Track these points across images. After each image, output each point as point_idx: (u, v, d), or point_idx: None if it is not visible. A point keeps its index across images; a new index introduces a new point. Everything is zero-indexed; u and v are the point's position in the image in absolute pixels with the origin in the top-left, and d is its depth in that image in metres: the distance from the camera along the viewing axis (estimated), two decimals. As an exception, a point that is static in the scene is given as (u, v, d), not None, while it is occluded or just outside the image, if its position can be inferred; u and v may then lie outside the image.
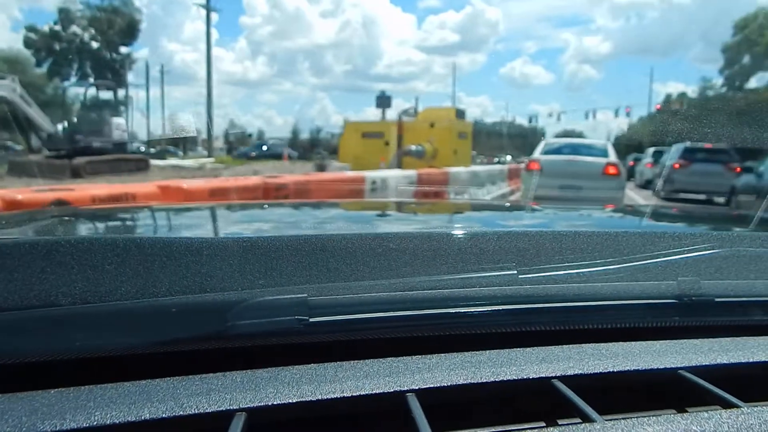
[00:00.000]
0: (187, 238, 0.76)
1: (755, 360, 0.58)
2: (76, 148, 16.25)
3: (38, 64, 39.14)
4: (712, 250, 0.75)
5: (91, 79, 37.09)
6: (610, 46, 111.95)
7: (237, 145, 39.03)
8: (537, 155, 10.13)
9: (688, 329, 0.65)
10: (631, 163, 21.42)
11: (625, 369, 0.55)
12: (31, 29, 40.51)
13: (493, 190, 14.22)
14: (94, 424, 0.43)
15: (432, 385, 0.50)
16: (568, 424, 0.46)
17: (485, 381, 0.52)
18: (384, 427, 0.50)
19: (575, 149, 10.13)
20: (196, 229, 1.09)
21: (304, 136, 51.99)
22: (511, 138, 55.46)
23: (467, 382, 0.51)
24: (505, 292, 0.65)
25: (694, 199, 13.51)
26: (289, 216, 1.24)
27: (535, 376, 0.53)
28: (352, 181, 8.06)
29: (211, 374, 0.51)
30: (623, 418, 0.45)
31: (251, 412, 0.46)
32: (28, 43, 39.17)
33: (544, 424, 0.51)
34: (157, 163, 20.29)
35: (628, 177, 14.55)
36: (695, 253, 0.74)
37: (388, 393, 0.49)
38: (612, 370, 0.54)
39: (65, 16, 39.63)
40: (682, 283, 0.68)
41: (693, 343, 0.61)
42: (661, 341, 0.61)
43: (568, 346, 0.59)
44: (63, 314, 0.55)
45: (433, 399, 0.50)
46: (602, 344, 0.60)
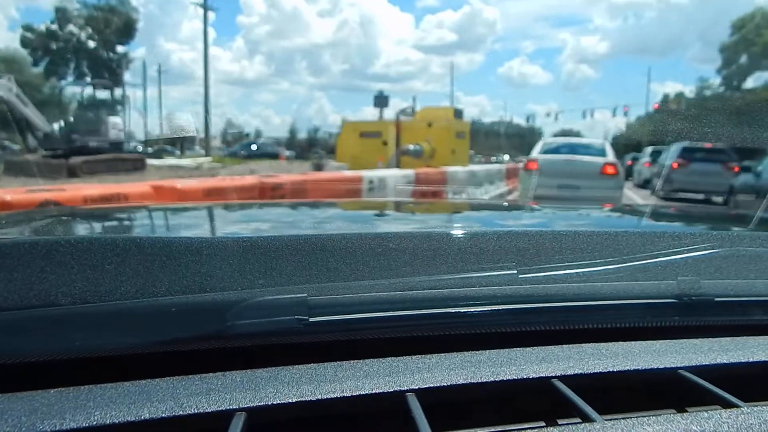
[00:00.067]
0: (186, 237, 0.76)
1: (755, 360, 0.58)
2: (72, 148, 16.21)
3: (35, 64, 39.20)
4: (712, 249, 0.76)
5: (88, 79, 37.04)
6: (607, 46, 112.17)
7: (229, 145, 38.84)
8: (535, 155, 10.13)
9: (688, 329, 0.65)
10: (629, 162, 21.47)
11: (625, 369, 0.55)
12: (28, 28, 40.55)
13: (491, 190, 14.23)
14: (94, 423, 0.43)
15: (432, 385, 0.50)
16: (567, 424, 0.46)
17: (485, 381, 0.52)
18: (384, 427, 0.50)
19: (573, 149, 10.14)
20: (196, 228, 1.09)
21: (302, 135, 52.09)
22: (509, 137, 55.56)
23: (467, 382, 0.51)
24: (504, 291, 0.65)
25: (692, 198, 13.53)
26: (289, 216, 1.24)
27: (535, 376, 0.53)
28: (349, 181, 8.04)
29: (211, 374, 0.51)
30: (623, 418, 0.45)
31: (251, 411, 0.46)
32: (24, 43, 39.17)
33: (544, 424, 0.51)
34: (154, 162, 20.26)
35: (626, 176, 14.57)
36: (695, 253, 0.74)
37: (388, 393, 0.49)
38: (612, 370, 0.54)
39: (62, 16, 39.62)
40: (682, 283, 0.68)
41: (693, 343, 0.61)
42: (661, 341, 0.61)
43: (568, 345, 0.59)
44: (63, 314, 0.55)
45: (433, 399, 0.50)
46: (602, 344, 0.60)
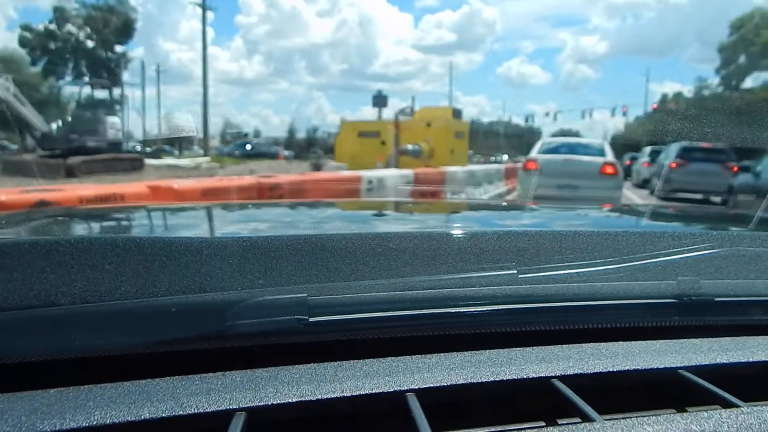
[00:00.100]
0: (186, 237, 0.76)
1: (755, 359, 0.58)
2: (70, 148, 16.19)
3: (33, 63, 39.12)
4: (712, 249, 0.76)
5: (86, 78, 37.01)
6: (606, 46, 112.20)
7: (227, 144, 38.73)
8: (534, 154, 10.13)
9: (688, 329, 0.65)
10: (627, 162, 21.46)
11: (625, 369, 0.55)
12: (26, 28, 40.50)
13: (490, 190, 14.25)
14: (94, 423, 0.43)
15: (432, 385, 0.50)
16: (567, 424, 0.46)
17: (485, 381, 0.52)
18: (384, 427, 0.50)
19: (572, 148, 10.14)
20: (196, 228, 1.09)
21: (301, 135, 52.12)
22: (508, 137, 55.50)
23: (467, 382, 0.51)
24: (504, 291, 0.65)
25: (691, 198, 13.54)
26: (289, 216, 1.24)
27: (534, 376, 0.53)
28: (348, 181, 8.04)
29: (211, 374, 0.51)
30: (623, 418, 0.45)
31: (251, 411, 0.46)
32: (23, 42, 39.09)
33: (544, 424, 0.51)
34: (153, 162, 20.25)
35: (625, 176, 14.58)
36: (695, 253, 0.74)
37: (388, 393, 0.49)
38: (612, 370, 0.54)
39: (60, 15, 39.56)
40: (682, 283, 0.68)
41: (693, 343, 0.61)
42: (661, 341, 0.61)
43: (567, 345, 0.59)
44: (63, 314, 0.55)
45: (433, 399, 0.50)
46: (602, 344, 0.60)
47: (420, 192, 9.40)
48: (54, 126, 18.12)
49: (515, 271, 0.68)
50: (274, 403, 0.47)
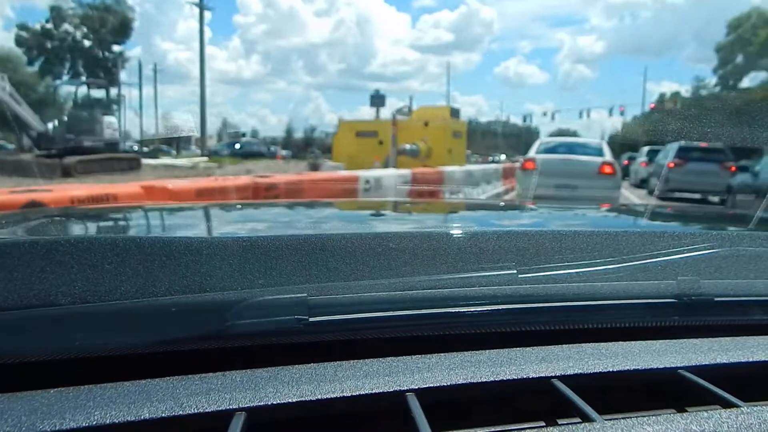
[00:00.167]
0: (186, 237, 0.76)
1: (755, 359, 0.58)
2: (67, 148, 16.14)
3: (30, 63, 39.04)
4: (712, 249, 0.76)
5: (83, 78, 37.02)
6: (604, 46, 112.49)
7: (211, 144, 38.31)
8: (533, 154, 10.12)
9: (688, 329, 0.66)
10: (625, 162, 21.46)
11: (625, 368, 0.55)
12: (23, 27, 40.39)
13: (488, 190, 14.25)
14: (94, 423, 0.43)
15: (432, 385, 0.50)
16: (567, 424, 0.46)
17: (485, 380, 0.51)
18: (384, 427, 0.50)
19: (571, 148, 10.13)
20: (195, 228, 1.09)
21: (299, 135, 52.12)
22: (506, 137, 55.56)
23: (467, 382, 0.51)
24: (504, 291, 0.65)
25: (689, 198, 13.56)
26: (289, 216, 1.24)
27: (534, 376, 0.53)
28: (345, 181, 8.01)
29: (211, 374, 0.51)
30: (623, 418, 0.45)
31: (251, 411, 0.46)
32: (19, 42, 39.02)
33: (544, 424, 0.51)
34: (150, 162, 20.20)
35: (623, 176, 14.59)
36: (695, 253, 0.74)
37: (388, 392, 0.49)
38: (612, 370, 0.54)
39: (57, 15, 39.49)
40: (682, 283, 0.68)
41: (693, 343, 0.61)
42: (661, 341, 0.61)
43: (567, 345, 0.59)
44: (62, 314, 0.55)
45: (433, 398, 0.50)
46: (602, 344, 0.60)
47: (418, 192, 9.39)
48: (50, 126, 18.06)
49: (515, 271, 0.68)
50: (274, 403, 0.47)
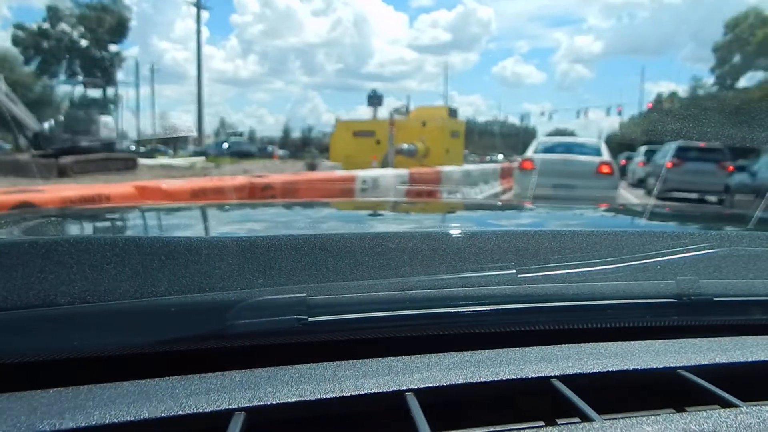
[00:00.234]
0: (186, 237, 0.76)
1: (754, 359, 0.58)
2: (63, 147, 16.12)
3: (26, 63, 38.88)
4: (711, 249, 0.76)
5: (80, 78, 36.95)
6: (601, 46, 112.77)
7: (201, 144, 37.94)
8: (531, 154, 10.13)
9: (687, 329, 0.66)
10: (623, 161, 21.49)
11: (624, 368, 0.55)
12: (20, 27, 40.20)
13: (486, 189, 14.24)
14: (93, 423, 0.43)
15: (431, 385, 0.50)
16: (567, 424, 0.46)
17: (484, 380, 0.51)
18: (383, 427, 0.50)
19: (568, 148, 10.14)
20: (194, 228, 1.08)
21: (296, 134, 52.11)
22: (504, 137, 55.58)
23: (466, 382, 0.51)
24: (503, 291, 0.65)
25: (687, 198, 13.57)
26: (288, 216, 1.24)
27: (534, 376, 0.53)
28: (342, 181, 7.99)
29: (210, 374, 0.51)
30: (622, 418, 0.45)
31: (250, 411, 0.46)
32: (16, 41, 38.85)
33: (543, 424, 0.51)
34: (147, 162, 20.17)
35: (621, 176, 14.61)
36: (694, 253, 0.74)
37: (387, 392, 0.49)
38: (611, 370, 0.54)
39: (54, 14, 39.35)
40: (681, 283, 0.68)
41: (692, 343, 0.61)
42: (660, 341, 0.61)
43: (567, 345, 0.59)
44: (62, 314, 0.55)
45: (432, 398, 0.50)
46: (601, 344, 0.60)
47: (416, 192, 9.38)
48: (47, 125, 18.05)
49: (514, 271, 0.68)
50: (274, 402, 0.47)
